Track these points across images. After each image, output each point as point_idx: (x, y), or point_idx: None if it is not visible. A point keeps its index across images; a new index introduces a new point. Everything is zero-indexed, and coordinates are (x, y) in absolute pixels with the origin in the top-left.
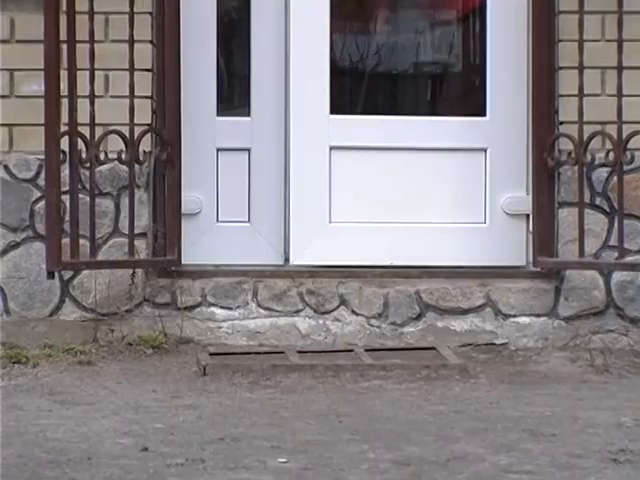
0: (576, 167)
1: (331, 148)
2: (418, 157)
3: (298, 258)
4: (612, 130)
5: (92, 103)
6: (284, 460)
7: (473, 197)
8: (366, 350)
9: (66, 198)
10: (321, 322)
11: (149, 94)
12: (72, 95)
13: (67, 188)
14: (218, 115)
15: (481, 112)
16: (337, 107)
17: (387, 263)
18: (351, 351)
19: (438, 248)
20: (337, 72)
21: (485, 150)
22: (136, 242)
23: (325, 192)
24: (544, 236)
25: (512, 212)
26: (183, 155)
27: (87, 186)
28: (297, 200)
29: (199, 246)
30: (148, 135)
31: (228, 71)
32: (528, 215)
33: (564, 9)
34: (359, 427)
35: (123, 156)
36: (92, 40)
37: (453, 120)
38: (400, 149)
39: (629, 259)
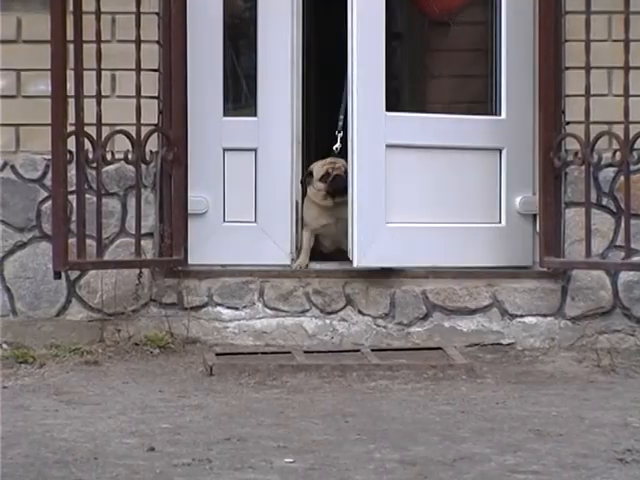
0: (583, 167)
1: (387, 146)
2: (448, 156)
3: (363, 260)
4: (619, 130)
5: (99, 103)
6: (290, 460)
7: (491, 197)
8: (372, 350)
9: (73, 198)
10: (327, 322)
11: (156, 94)
12: (79, 95)
13: (74, 188)
14: (225, 115)
15: (498, 111)
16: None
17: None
18: (357, 351)
19: (469, 248)
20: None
21: (501, 150)
22: (143, 242)
23: (382, 192)
24: (551, 236)
25: (524, 212)
26: (190, 155)
27: (94, 186)
28: (355, 200)
29: (205, 246)
30: (155, 135)
31: (234, 71)
32: (535, 215)
33: (571, 9)
34: (365, 427)
35: (130, 156)
36: (99, 40)
37: (476, 119)
38: (436, 148)
39: (636, 259)
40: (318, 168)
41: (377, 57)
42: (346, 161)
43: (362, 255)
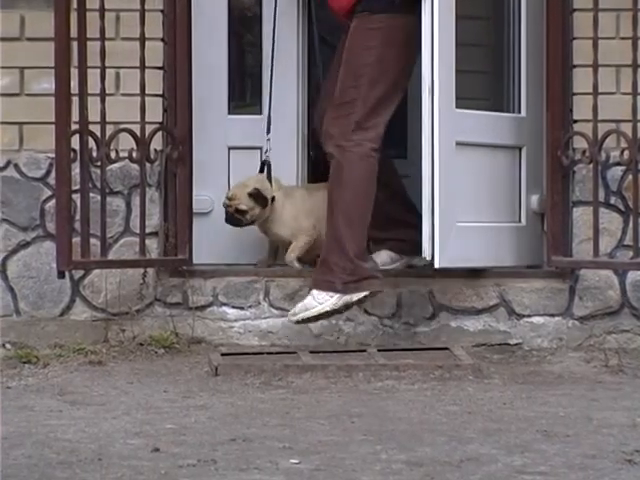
0: (591, 166)
1: (457, 144)
2: (487, 153)
3: (439, 260)
4: (627, 128)
5: (103, 101)
6: (296, 461)
7: (514, 196)
8: (379, 350)
9: (77, 197)
10: (333, 322)
11: (160, 92)
12: (83, 93)
13: (78, 187)
14: (230, 113)
15: (518, 109)
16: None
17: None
18: (364, 351)
19: (502, 248)
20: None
21: (521, 148)
22: (147, 241)
23: (453, 191)
24: (558, 235)
25: (540, 211)
26: (194, 154)
27: (98, 185)
28: (427, 200)
29: (211, 245)
30: (159, 133)
31: (240, 69)
32: (542, 214)
33: (578, 7)
34: (372, 428)
35: (134, 155)
36: (103, 38)
37: (505, 116)
38: (481, 145)
39: None
40: (228, 191)
41: (450, 55)
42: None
43: (441, 255)
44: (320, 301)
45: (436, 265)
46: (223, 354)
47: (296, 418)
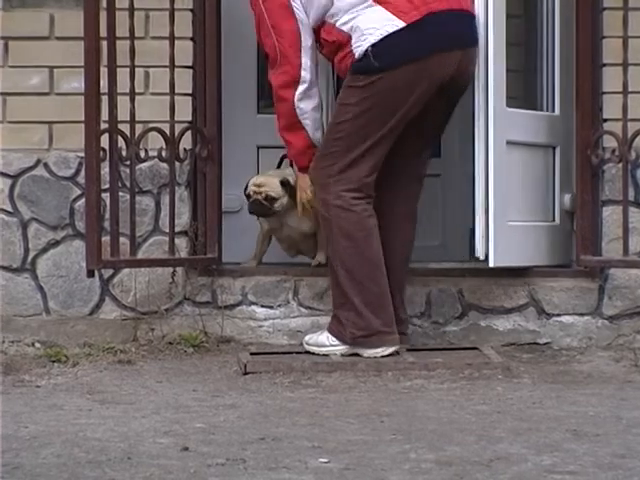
0: (620, 165)
1: (507, 143)
2: (527, 152)
3: (494, 260)
4: None
5: (132, 100)
6: (325, 460)
7: (549, 195)
8: (408, 349)
9: (106, 196)
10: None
11: (190, 91)
12: (112, 92)
13: (107, 186)
14: (259, 112)
15: (551, 108)
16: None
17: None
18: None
19: (541, 247)
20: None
21: (555, 147)
22: (176, 240)
23: (504, 190)
24: (588, 234)
25: (572, 210)
26: (224, 153)
27: (127, 184)
28: (481, 199)
29: (240, 244)
30: (188, 132)
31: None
32: (573, 213)
33: (608, 5)
34: (401, 427)
35: (163, 154)
36: (132, 37)
37: (543, 115)
38: (523, 144)
39: None
40: (251, 182)
41: (501, 53)
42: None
43: (495, 254)
44: (333, 344)
45: (491, 264)
46: (252, 353)
47: (325, 417)
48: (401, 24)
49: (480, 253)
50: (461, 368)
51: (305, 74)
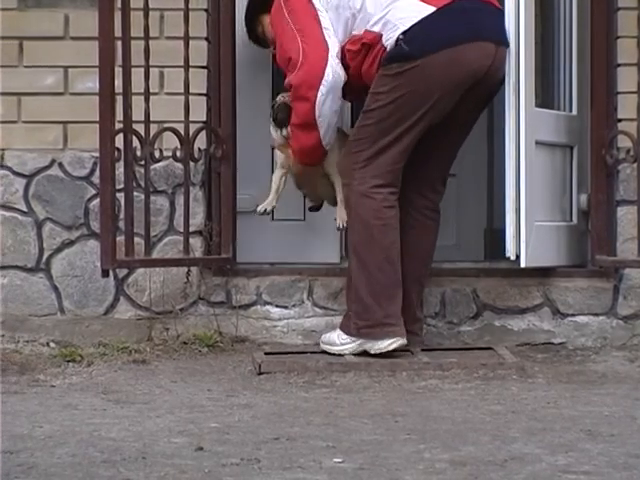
0: (635, 165)
1: (536, 143)
2: (548, 152)
3: (525, 260)
4: None
5: (147, 100)
6: (340, 460)
7: (566, 195)
8: (422, 349)
9: (121, 196)
10: None
11: (204, 91)
12: (127, 92)
13: (122, 186)
14: None
15: (569, 108)
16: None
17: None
18: (408, 350)
19: (561, 247)
20: None
21: (572, 147)
22: (191, 240)
23: (532, 189)
24: (602, 234)
25: (587, 210)
26: (238, 153)
27: (142, 184)
28: (512, 200)
29: (254, 244)
30: (203, 132)
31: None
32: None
33: (623, 5)
34: (415, 427)
35: (178, 154)
36: (147, 37)
37: (564, 115)
38: (545, 144)
39: None
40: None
41: (531, 53)
42: None
43: (525, 254)
44: (342, 342)
45: (522, 265)
46: (267, 353)
47: (340, 417)
48: (431, 9)
49: (511, 253)
50: (475, 368)
51: (330, 76)
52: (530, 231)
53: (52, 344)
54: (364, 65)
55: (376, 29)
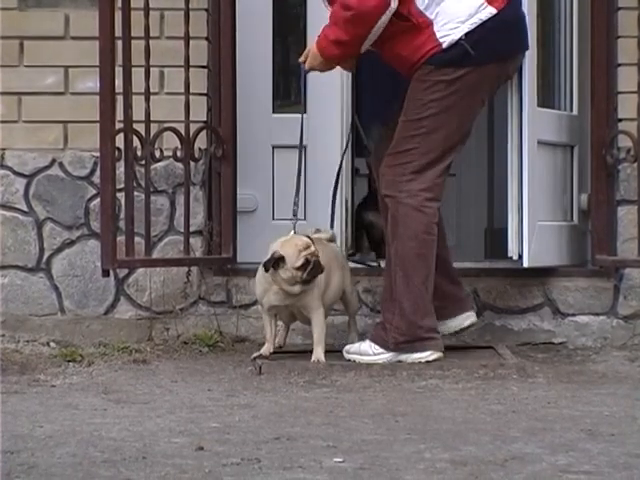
0: (635, 164)
1: (538, 142)
2: (549, 151)
3: (528, 260)
4: None
5: (147, 100)
6: (340, 460)
7: (567, 194)
8: None
9: (121, 196)
10: (378, 320)
11: (204, 91)
12: (127, 92)
13: (122, 186)
14: (274, 112)
15: (569, 107)
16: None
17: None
18: None
19: (562, 246)
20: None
21: (573, 147)
22: (191, 240)
23: (534, 190)
24: (603, 234)
25: (587, 210)
26: (238, 152)
27: (142, 183)
28: (515, 199)
29: (254, 244)
30: (204, 132)
31: (284, 68)
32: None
33: (623, 5)
34: (416, 427)
35: (178, 153)
36: (147, 37)
37: (565, 115)
38: (545, 143)
39: None
40: (292, 253)
41: (533, 53)
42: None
43: (528, 254)
44: (376, 352)
45: (525, 264)
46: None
47: (340, 417)
48: (493, 11)
49: (514, 253)
50: (476, 368)
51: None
52: (532, 231)
53: (52, 344)
54: (402, 42)
55: (428, 14)
